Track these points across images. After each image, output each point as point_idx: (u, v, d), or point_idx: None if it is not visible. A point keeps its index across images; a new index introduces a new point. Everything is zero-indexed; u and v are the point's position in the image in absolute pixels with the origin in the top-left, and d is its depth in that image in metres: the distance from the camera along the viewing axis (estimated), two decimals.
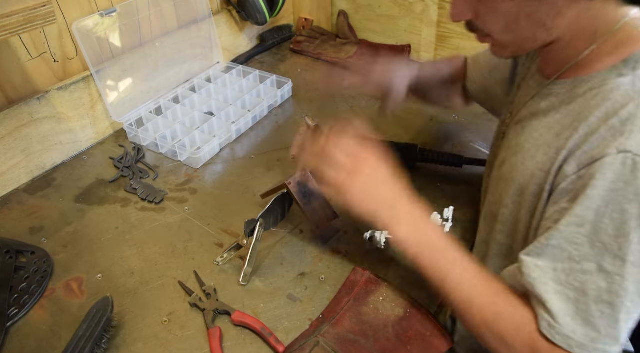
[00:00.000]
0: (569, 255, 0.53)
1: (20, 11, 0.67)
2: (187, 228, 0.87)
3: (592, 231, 0.52)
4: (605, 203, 0.51)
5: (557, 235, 0.54)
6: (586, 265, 0.52)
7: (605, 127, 0.52)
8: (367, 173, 0.66)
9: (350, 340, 0.67)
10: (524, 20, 0.56)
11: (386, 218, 0.65)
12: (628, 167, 0.50)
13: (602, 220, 0.51)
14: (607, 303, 0.52)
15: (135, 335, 0.70)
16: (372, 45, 1.43)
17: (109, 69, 1.05)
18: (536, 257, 0.56)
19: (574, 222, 0.53)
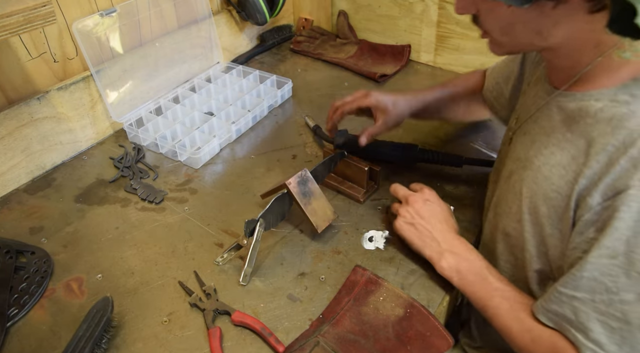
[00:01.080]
0: (606, 287, 0.54)
1: (20, 11, 0.67)
2: (187, 228, 0.87)
3: (626, 262, 0.52)
4: (634, 234, 0.51)
5: (590, 267, 0.55)
6: (625, 295, 0.53)
7: (626, 157, 0.52)
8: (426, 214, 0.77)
9: (350, 340, 0.67)
10: (520, 27, 0.56)
11: (433, 253, 0.74)
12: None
13: (634, 250, 0.51)
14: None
15: (135, 335, 0.70)
16: (372, 45, 1.43)
17: (109, 69, 1.05)
18: (573, 289, 0.56)
19: (605, 254, 0.53)
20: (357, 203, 0.92)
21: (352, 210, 0.90)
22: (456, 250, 0.73)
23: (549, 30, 0.55)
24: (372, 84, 1.30)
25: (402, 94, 0.94)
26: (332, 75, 1.35)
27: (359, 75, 1.34)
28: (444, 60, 1.35)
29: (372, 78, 1.31)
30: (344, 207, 0.91)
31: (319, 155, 1.04)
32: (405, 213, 0.79)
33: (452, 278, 0.72)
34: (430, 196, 0.80)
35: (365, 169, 0.89)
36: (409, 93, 0.95)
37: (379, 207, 0.90)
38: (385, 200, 0.92)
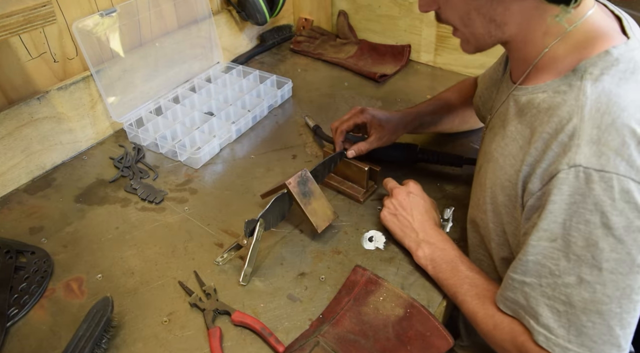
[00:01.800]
0: (550, 270, 0.55)
1: (20, 11, 0.67)
2: (187, 228, 0.87)
3: (564, 245, 0.54)
4: (569, 217, 0.53)
5: (533, 251, 0.56)
6: (567, 278, 0.54)
7: (556, 142, 0.54)
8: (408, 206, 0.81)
9: (350, 340, 0.67)
10: (475, 14, 0.60)
11: (411, 243, 0.78)
12: (581, 180, 0.51)
13: (570, 233, 0.53)
14: (595, 312, 0.53)
15: (135, 335, 0.70)
16: (372, 45, 1.43)
17: (109, 69, 1.05)
18: (522, 274, 0.58)
19: (544, 236, 0.55)
20: (357, 203, 0.92)
21: (352, 210, 0.90)
22: (432, 240, 0.76)
23: (501, 16, 0.59)
24: (373, 84, 1.30)
25: (398, 110, 0.96)
26: (332, 75, 1.35)
27: (359, 75, 1.34)
28: (444, 60, 1.35)
29: (372, 78, 1.31)
30: (344, 207, 0.91)
31: (319, 155, 1.04)
32: (389, 204, 0.83)
33: (427, 266, 0.75)
34: (414, 189, 0.83)
35: (365, 169, 0.89)
36: (405, 110, 0.97)
37: (379, 207, 0.90)
38: None
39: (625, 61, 0.55)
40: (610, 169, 0.50)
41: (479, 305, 0.66)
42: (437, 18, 0.68)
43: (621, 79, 0.54)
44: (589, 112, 0.53)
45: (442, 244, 0.75)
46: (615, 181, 0.50)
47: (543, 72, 0.61)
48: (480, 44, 0.65)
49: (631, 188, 0.50)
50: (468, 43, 0.66)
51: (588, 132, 0.52)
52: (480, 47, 0.66)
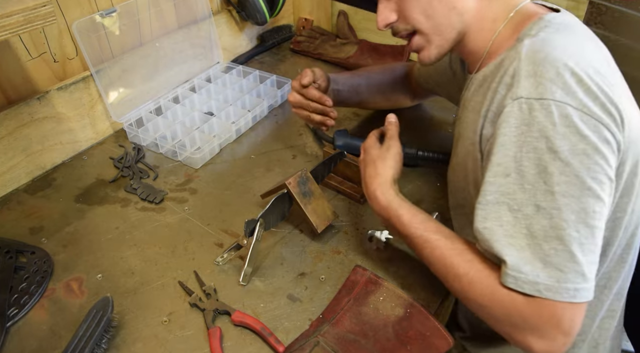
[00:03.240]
0: (508, 206, 0.56)
1: (20, 11, 0.67)
2: (187, 228, 0.87)
3: (517, 177, 0.56)
4: (519, 148, 0.55)
5: (490, 189, 0.57)
6: (525, 209, 0.55)
7: (502, 85, 0.59)
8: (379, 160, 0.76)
9: (350, 340, 0.67)
10: (437, 3, 0.65)
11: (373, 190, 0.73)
12: (525, 111, 0.55)
13: (522, 163, 0.55)
14: (555, 238, 0.53)
15: (135, 335, 0.70)
16: (372, 45, 1.43)
17: (109, 69, 1.05)
18: (483, 221, 0.58)
19: (499, 171, 0.57)
20: (357, 203, 0.92)
21: (352, 210, 0.90)
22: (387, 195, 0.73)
23: (460, 2, 0.65)
24: None
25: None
26: None
27: None
28: None
29: None
30: (344, 207, 0.91)
31: (319, 155, 1.04)
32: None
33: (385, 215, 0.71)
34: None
35: None
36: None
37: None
38: None
39: (557, 22, 0.62)
40: (547, 96, 0.54)
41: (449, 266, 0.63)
42: (393, 32, 0.72)
43: (555, 32, 0.61)
44: (525, 53, 0.58)
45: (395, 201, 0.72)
46: (553, 107, 0.54)
47: (492, 54, 0.67)
48: (442, 41, 0.69)
49: (570, 113, 0.53)
50: (430, 44, 0.70)
51: (525, 68, 0.57)
52: (443, 45, 0.69)
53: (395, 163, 0.75)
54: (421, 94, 1.09)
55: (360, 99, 1.04)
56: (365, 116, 1.17)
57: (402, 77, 1.07)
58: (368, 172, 0.75)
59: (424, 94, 1.09)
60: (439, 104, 1.15)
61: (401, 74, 1.07)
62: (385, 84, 1.06)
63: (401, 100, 1.11)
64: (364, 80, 1.03)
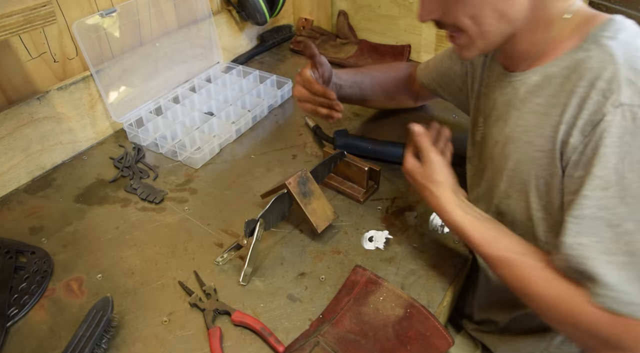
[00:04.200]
0: (608, 222, 0.53)
1: (20, 11, 0.67)
2: (187, 228, 0.87)
3: (619, 190, 0.52)
4: (621, 159, 0.52)
5: (587, 203, 0.54)
6: (627, 225, 0.52)
7: (595, 91, 0.55)
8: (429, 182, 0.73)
9: (350, 340, 0.67)
10: (489, 11, 0.60)
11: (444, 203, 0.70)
12: (629, 119, 0.52)
13: (624, 175, 0.52)
14: None
15: (135, 335, 0.70)
16: (372, 45, 1.43)
17: (109, 69, 1.05)
18: (576, 236, 0.55)
19: (598, 185, 0.53)
20: (357, 203, 0.92)
21: (352, 210, 0.90)
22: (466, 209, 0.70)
23: (512, 11, 0.60)
24: None
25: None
26: None
27: None
28: None
29: None
30: (344, 207, 0.91)
31: (319, 155, 1.04)
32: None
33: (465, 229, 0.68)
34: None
35: (365, 169, 0.89)
36: None
37: (379, 207, 0.90)
38: (385, 200, 0.92)
39: (629, 25, 0.59)
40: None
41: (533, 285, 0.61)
42: (438, 25, 0.66)
43: (634, 36, 0.57)
44: (620, 57, 0.54)
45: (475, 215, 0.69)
46: None
47: (548, 55, 0.63)
48: (487, 44, 0.64)
49: None
50: (473, 45, 0.64)
51: (625, 73, 0.53)
52: (485, 48, 0.65)
53: (444, 175, 0.71)
54: (424, 96, 1.07)
55: (363, 96, 1.02)
56: (366, 116, 1.17)
57: (405, 77, 1.05)
58: (427, 198, 0.73)
59: (426, 96, 1.07)
60: (440, 104, 1.15)
61: (404, 74, 1.05)
62: (388, 83, 1.04)
63: (404, 101, 1.09)
64: (367, 78, 1.01)
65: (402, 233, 0.85)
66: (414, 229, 0.86)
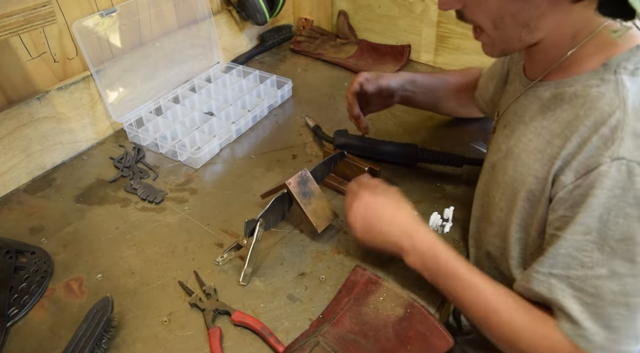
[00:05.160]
0: (581, 262, 0.55)
1: (20, 11, 0.67)
2: (187, 228, 0.87)
3: (599, 237, 0.53)
4: (607, 210, 0.52)
5: (565, 244, 0.56)
6: (598, 270, 0.54)
7: (597, 136, 0.53)
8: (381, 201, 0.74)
9: (350, 340, 0.67)
10: (509, 19, 0.58)
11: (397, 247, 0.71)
12: (624, 174, 0.51)
13: (607, 225, 0.53)
14: (623, 305, 0.53)
15: (135, 335, 0.70)
16: (372, 45, 1.43)
17: (109, 69, 1.05)
18: (549, 267, 0.57)
19: (580, 230, 0.54)
20: None
21: None
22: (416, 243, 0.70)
23: (536, 21, 0.57)
24: None
25: None
26: (332, 75, 1.35)
27: None
28: (444, 60, 1.35)
29: None
30: (344, 207, 0.90)
31: (319, 155, 1.04)
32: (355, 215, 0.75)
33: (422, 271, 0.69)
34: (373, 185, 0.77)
35: (365, 169, 0.89)
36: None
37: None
38: None
39: None
40: None
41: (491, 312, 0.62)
42: (458, 16, 0.64)
43: None
44: (632, 105, 0.52)
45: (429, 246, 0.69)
46: None
47: (566, 68, 0.60)
48: (507, 48, 0.63)
49: None
50: (494, 46, 0.64)
51: (632, 125, 0.52)
52: (506, 51, 0.65)
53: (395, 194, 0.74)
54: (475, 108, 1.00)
55: (436, 103, 1.00)
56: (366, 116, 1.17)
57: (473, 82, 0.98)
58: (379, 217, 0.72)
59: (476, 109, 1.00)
60: None
61: (475, 78, 0.98)
62: (461, 90, 0.99)
63: (473, 108, 1.00)
64: (442, 84, 0.98)
65: None
66: None
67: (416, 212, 0.74)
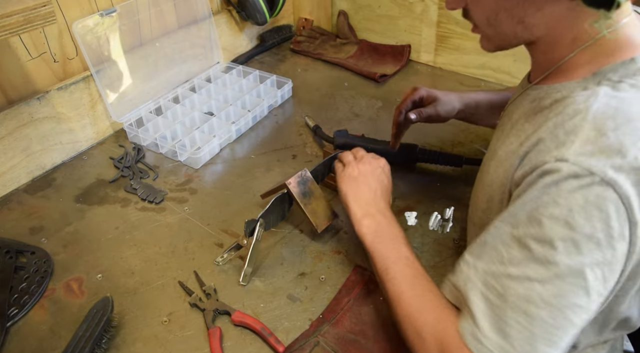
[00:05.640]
0: (501, 257, 0.53)
1: (20, 11, 0.67)
2: (187, 228, 0.87)
3: (522, 234, 0.51)
4: (536, 207, 0.50)
5: (494, 232, 0.55)
6: (511, 269, 0.51)
7: (551, 136, 0.53)
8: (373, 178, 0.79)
9: (350, 340, 0.67)
10: (503, 15, 0.57)
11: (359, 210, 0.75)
12: (564, 172, 0.49)
13: (532, 223, 0.51)
14: (523, 312, 0.50)
15: (135, 335, 0.70)
16: (372, 45, 1.43)
17: (109, 69, 1.05)
18: (476, 258, 0.56)
19: (508, 220, 0.53)
20: None
21: None
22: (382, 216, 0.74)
23: (531, 17, 0.56)
24: (373, 84, 1.30)
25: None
26: (332, 75, 1.35)
27: (359, 75, 1.34)
28: (444, 60, 1.35)
29: (372, 78, 1.31)
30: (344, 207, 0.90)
31: (319, 155, 1.04)
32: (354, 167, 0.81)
33: (366, 235, 0.72)
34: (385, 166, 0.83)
35: None
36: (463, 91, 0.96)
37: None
38: None
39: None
40: (596, 171, 0.48)
41: (409, 286, 0.63)
42: (464, 14, 0.64)
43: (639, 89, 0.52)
44: (593, 112, 0.51)
45: (392, 222, 0.73)
46: (597, 185, 0.48)
47: (561, 74, 0.59)
48: (503, 44, 0.63)
49: (608, 197, 0.47)
50: (489, 41, 0.64)
51: (586, 132, 0.50)
52: (502, 46, 0.64)
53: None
54: None
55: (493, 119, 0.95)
56: (366, 116, 1.17)
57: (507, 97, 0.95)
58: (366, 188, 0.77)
59: None
60: None
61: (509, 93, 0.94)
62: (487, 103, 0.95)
63: None
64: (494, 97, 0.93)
65: None
66: (414, 229, 0.86)
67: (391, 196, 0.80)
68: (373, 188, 0.78)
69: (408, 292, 0.63)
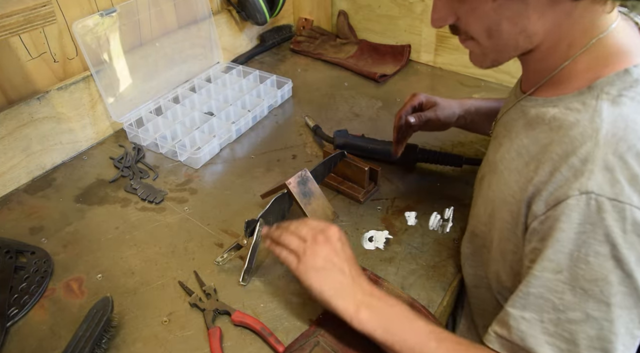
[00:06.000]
0: (553, 305, 0.52)
1: (20, 11, 0.67)
2: (187, 228, 0.87)
3: (570, 278, 0.51)
4: (577, 247, 0.50)
5: (536, 283, 0.53)
6: (572, 314, 0.51)
7: (566, 166, 0.51)
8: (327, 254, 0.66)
9: (350, 340, 0.67)
10: (507, 25, 0.55)
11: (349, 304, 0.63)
12: (593, 209, 0.49)
13: (577, 264, 0.50)
14: (600, 350, 0.50)
15: (135, 335, 0.70)
16: (372, 45, 1.43)
17: (109, 69, 1.05)
18: (521, 309, 0.54)
19: (549, 267, 0.52)
20: (357, 203, 0.91)
21: (352, 210, 0.90)
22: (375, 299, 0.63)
23: (534, 24, 0.54)
24: (372, 84, 1.30)
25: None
26: (332, 75, 1.35)
27: (359, 75, 1.34)
28: (444, 60, 1.35)
29: (372, 78, 1.31)
30: (344, 207, 0.91)
31: (319, 155, 1.04)
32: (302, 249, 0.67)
33: (376, 331, 0.61)
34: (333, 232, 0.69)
35: (365, 169, 0.89)
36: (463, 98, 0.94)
37: (378, 207, 0.90)
38: (385, 200, 0.92)
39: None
40: (624, 198, 0.48)
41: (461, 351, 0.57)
42: (452, 30, 0.61)
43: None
44: (604, 136, 0.50)
45: (387, 300, 0.63)
46: (628, 212, 0.47)
47: (557, 84, 0.58)
48: (499, 57, 0.61)
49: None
50: (485, 56, 0.61)
51: (602, 158, 0.49)
52: (498, 60, 0.62)
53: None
54: None
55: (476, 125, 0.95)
56: (366, 116, 1.17)
57: None
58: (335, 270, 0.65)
59: None
60: None
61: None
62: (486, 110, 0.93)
63: None
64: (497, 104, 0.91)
65: (402, 233, 0.85)
66: (414, 229, 0.86)
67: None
68: (346, 270, 0.65)
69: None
